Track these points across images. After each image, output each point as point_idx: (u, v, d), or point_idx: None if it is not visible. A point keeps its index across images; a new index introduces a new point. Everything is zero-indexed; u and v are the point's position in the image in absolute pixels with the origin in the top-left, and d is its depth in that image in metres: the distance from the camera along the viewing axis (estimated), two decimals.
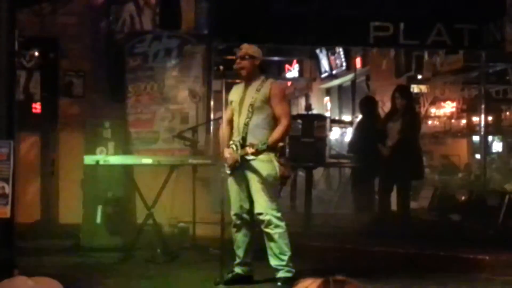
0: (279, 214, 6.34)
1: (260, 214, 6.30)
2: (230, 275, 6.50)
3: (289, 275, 6.30)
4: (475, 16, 8.93)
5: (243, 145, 6.29)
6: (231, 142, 6.41)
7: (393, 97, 9.23)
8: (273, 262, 6.37)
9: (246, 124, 6.32)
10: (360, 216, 9.77)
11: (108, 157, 7.90)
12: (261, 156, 6.17)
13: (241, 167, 6.33)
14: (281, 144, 6.44)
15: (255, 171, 6.28)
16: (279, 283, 6.30)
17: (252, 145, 6.09)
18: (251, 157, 6.16)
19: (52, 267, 7.10)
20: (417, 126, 9.29)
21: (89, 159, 7.88)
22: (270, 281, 6.50)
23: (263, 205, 6.30)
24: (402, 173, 8.77)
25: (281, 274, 6.33)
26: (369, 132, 9.94)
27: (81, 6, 9.56)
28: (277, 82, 7.12)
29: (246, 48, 6.51)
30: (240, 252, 6.53)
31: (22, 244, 7.15)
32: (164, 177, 7.89)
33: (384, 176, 9.15)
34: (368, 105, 10.74)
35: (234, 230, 6.53)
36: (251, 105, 6.31)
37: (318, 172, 10.84)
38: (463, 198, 9.28)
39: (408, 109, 9.13)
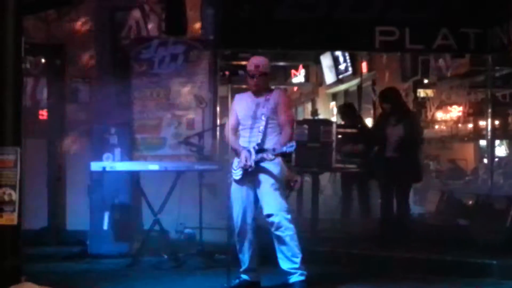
0: (289, 216, 6.36)
1: (271, 215, 6.30)
2: (237, 281, 6.50)
3: (302, 278, 6.29)
4: (481, 20, 8.91)
5: (259, 151, 6.31)
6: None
7: (380, 103, 9.23)
8: (286, 265, 6.34)
9: (262, 132, 6.38)
10: (367, 221, 9.73)
11: (114, 163, 7.92)
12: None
13: (251, 172, 6.35)
14: None
15: (266, 173, 6.34)
16: None
17: (274, 149, 6.23)
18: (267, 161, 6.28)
19: (59, 274, 7.11)
20: (416, 128, 9.07)
21: (95, 165, 7.91)
22: (280, 286, 6.49)
23: (273, 206, 6.31)
24: (400, 175, 8.66)
25: (295, 279, 6.31)
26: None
27: (87, 12, 9.56)
28: (285, 92, 7.35)
29: (263, 66, 6.52)
30: (245, 259, 6.51)
31: (29, 251, 7.14)
32: (170, 183, 7.91)
33: (384, 179, 9.04)
34: (347, 112, 10.67)
35: (239, 237, 6.53)
36: (264, 114, 6.40)
37: (325, 177, 10.80)
38: (470, 202, 9.23)
39: (402, 111, 8.93)
